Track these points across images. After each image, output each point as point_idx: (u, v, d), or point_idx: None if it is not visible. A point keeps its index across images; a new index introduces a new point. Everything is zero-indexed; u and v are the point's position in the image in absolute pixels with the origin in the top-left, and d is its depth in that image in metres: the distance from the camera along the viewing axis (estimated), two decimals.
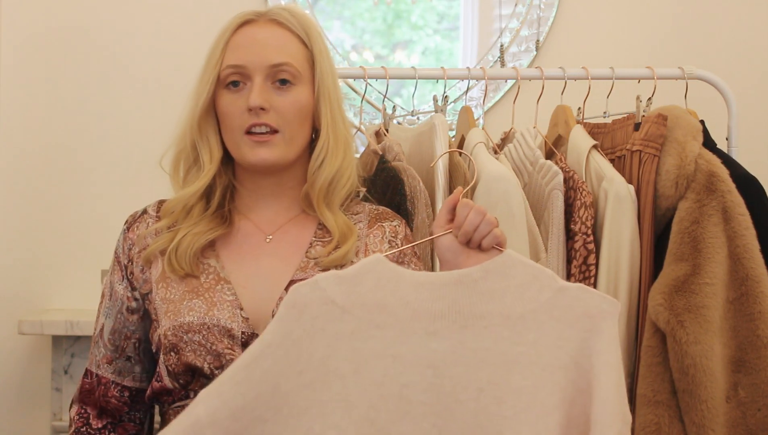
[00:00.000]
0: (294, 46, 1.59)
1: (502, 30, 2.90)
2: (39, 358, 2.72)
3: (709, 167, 1.84)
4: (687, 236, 1.81)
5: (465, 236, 1.42)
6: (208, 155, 1.60)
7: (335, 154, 1.59)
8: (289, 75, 1.57)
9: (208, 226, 1.58)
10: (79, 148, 2.75)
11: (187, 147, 1.61)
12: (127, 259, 1.63)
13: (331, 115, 1.60)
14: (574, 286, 1.36)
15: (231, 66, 1.57)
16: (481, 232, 1.42)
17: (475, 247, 1.42)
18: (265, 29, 1.59)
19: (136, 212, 1.67)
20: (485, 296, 1.35)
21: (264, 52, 1.57)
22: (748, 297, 1.80)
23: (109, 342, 1.64)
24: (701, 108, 2.08)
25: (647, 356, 1.79)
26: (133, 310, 1.62)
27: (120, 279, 1.63)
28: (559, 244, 1.84)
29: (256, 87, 1.55)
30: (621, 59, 2.39)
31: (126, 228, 1.65)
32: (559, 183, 1.85)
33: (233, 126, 1.57)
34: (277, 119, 1.56)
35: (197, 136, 1.59)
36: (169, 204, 1.62)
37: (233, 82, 1.57)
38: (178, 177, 1.63)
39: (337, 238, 1.58)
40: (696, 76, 2.15)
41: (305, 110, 1.59)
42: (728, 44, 2.88)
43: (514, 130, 2.11)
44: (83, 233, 2.74)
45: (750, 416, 1.78)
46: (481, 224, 1.42)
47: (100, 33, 2.76)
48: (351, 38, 2.98)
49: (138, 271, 1.61)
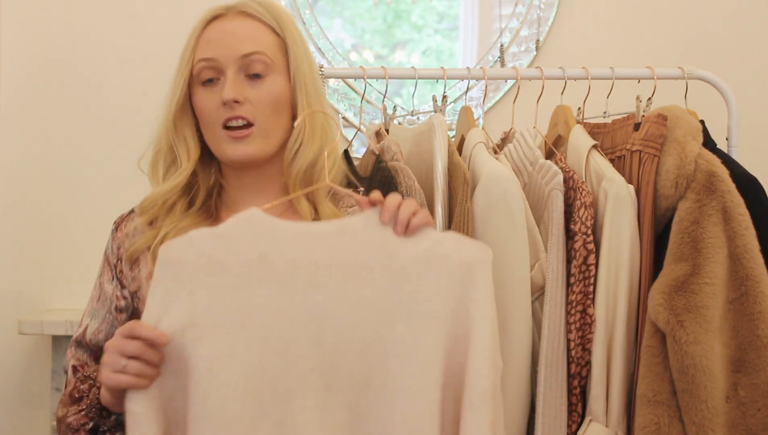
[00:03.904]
0: (265, 36, 1.58)
1: (502, 30, 2.90)
2: (39, 358, 2.72)
3: (709, 167, 1.84)
4: (687, 236, 1.81)
5: (389, 213, 1.34)
6: (185, 154, 1.59)
7: (311, 142, 1.57)
8: (261, 64, 1.56)
9: (193, 222, 1.57)
10: (79, 148, 2.75)
11: (164, 147, 1.60)
12: (116, 258, 1.63)
13: (307, 102, 1.58)
14: (450, 236, 1.36)
15: (202, 60, 1.56)
16: (407, 209, 1.35)
17: (403, 232, 1.35)
18: (235, 21, 1.58)
19: (124, 213, 1.67)
20: (366, 247, 1.33)
21: (234, 43, 1.56)
22: (748, 297, 1.80)
23: (91, 342, 1.62)
24: (701, 108, 2.08)
25: (647, 356, 1.79)
26: (121, 309, 1.62)
27: (110, 279, 1.63)
28: (558, 244, 1.84)
29: (229, 80, 1.54)
30: (621, 59, 2.39)
31: (114, 228, 1.65)
32: (558, 183, 1.85)
33: (210, 122, 1.56)
34: (251, 111, 1.55)
35: (173, 136, 1.59)
36: (146, 201, 1.61)
37: (208, 79, 1.57)
38: (157, 177, 1.62)
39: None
40: (696, 76, 2.15)
41: (280, 100, 1.57)
42: (728, 44, 2.88)
43: (514, 130, 2.11)
44: (83, 233, 2.74)
45: (750, 416, 1.77)
46: (403, 203, 1.36)
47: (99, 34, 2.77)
48: (351, 38, 2.98)
49: (127, 269, 1.61)
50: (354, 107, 2.75)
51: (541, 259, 1.85)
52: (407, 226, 1.35)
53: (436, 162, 1.89)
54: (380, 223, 1.34)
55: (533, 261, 1.85)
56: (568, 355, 1.83)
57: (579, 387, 1.84)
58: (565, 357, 1.83)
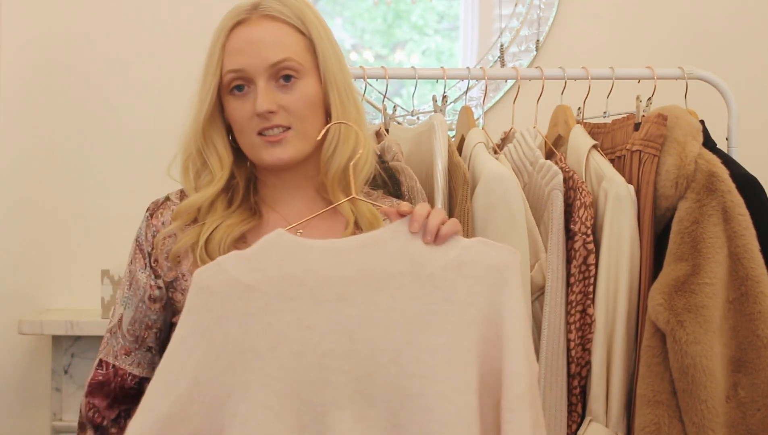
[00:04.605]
0: (291, 39, 1.56)
1: (502, 30, 2.90)
2: (39, 358, 2.73)
3: (709, 167, 1.84)
4: (687, 236, 1.81)
5: (418, 222, 1.35)
6: (218, 163, 1.57)
7: (347, 140, 1.56)
8: (291, 70, 1.54)
9: (240, 218, 1.55)
10: (79, 148, 2.75)
11: (193, 153, 1.58)
12: (151, 247, 1.60)
13: (339, 101, 1.56)
14: (478, 241, 1.36)
15: (232, 71, 1.54)
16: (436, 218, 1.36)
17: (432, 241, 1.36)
18: (259, 27, 1.55)
19: (158, 199, 1.64)
20: (395, 257, 1.34)
21: (262, 52, 1.53)
22: (748, 297, 1.80)
23: (128, 332, 1.61)
24: (701, 108, 2.08)
25: (647, 356, 1.79)
26: (155, 299, 1.60)
27: (143, 267, 1.60)
28: (558, 244, 1.84)
29: (261, 91, 1.52)
30: (621, 59, 2.39)
31: (149, 214, 1.62)
32: (558, 183, 1.85)
33: (244, 130, 1.55)
34: (287, 118, 1.53)
35: (202, 144, 1.57)
36: (182, 207, 1.58)
37: (237, 86, 1.55)
38: (189, 182, 1.60)
39: (365, 226, 1.55)
40: (696, 76, 2.15)
41: (314, 101, 1.56)
42: (728, 44, 2.88)
43: (514, 130, 2.11)
44: (83, 233, 2.75)
45: (750, 416, 1.77)
46: (432, 212, 1.37)
47: (101, 33, 2.77)
48: (351, 38, 2.98)
49: (162, 259, 1.58)
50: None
51: (541, 259, 1.85)
52: (437, 235, 1.35)
53: (436, 162, 1.89)
54: (409, 233, 1.35)
55: (533, 261, 1.85)
56: (568, 355, 1.83)
57: (579, 387, 1.84)
58: (565, 357, 1.83)
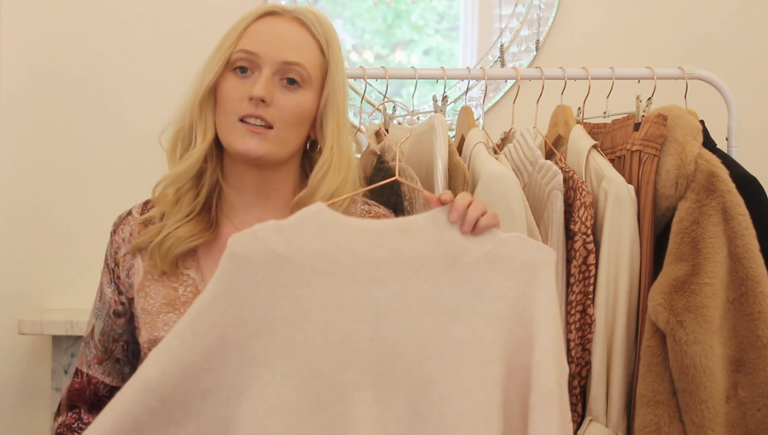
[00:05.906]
0: (311, 51, 1.58)
1: (502, 30, 2.90)
2: (39, 358, 2.72)
3: (709, 167, 1.84)
4: (687, 236, 1.80)
5: (458, 211, 1.36)
6: (202, 134, 1.56)
7: (339, 169, 1.57)
8: (298, 76, 1.55)
9: (192, 232, 1.56)
10: (79, 148, 2.75)
11: (185, 127, 1.58)
12: (114, 263, 1.62)
13: (337, 129, 1.58)
14: (514, 236, 1.36)
15: (244, 50, 1.54)
16: (476, 208, 1.36)
17: (469, 231, 1.36)
18: (288, 25, 1.57)
19: (122, 214, 1.66)
20: (430, 245, 1.33)
21: (280, 46, 1.55)
22: (748, 297, 1.79)
23: (99, 343, 1.63)
24: (701, 108, 2.08)
25: (647, 356, 1.79)
26: (119, 314, 1.62)
27: (108, 282, 1.63)
28: (558, 244, 1.84)
29: (263, 78, 1.53)
30: (621, 59, 2.39)
31: (113, 231, 1.64)
32: (558, 183, 1.85)
33: (229, 110, 1.54)
34: (274, 115, 1.53)
35: (197, 116, 1.56)
36: (160, 184, 1.59)
37: (241, 67, 1.55)
38: (174, 156, 1.60)
39: None
40: (696, 76, 2.15)
41: (305, 116, 1.57)
42: (728, 44, 2.88)
43: (513, 130, 2.11)
44: (83, 233, 2.74)
45: (750, 416, 1.77)
46: (473, 202, 1.37)
47: (102, 35, 2.77)
48: (351, 38, 2.98)
49: (124, 276, 1.60)
50: (354, 107, 2.74)
51: None
52: (474, 226, 1.35)
53: (436, 162, 1.89)
54: (447, 222, 1.34)
55: None
56: (568, 355, 1.83)
57: (579, 387, 1.84)
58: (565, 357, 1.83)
